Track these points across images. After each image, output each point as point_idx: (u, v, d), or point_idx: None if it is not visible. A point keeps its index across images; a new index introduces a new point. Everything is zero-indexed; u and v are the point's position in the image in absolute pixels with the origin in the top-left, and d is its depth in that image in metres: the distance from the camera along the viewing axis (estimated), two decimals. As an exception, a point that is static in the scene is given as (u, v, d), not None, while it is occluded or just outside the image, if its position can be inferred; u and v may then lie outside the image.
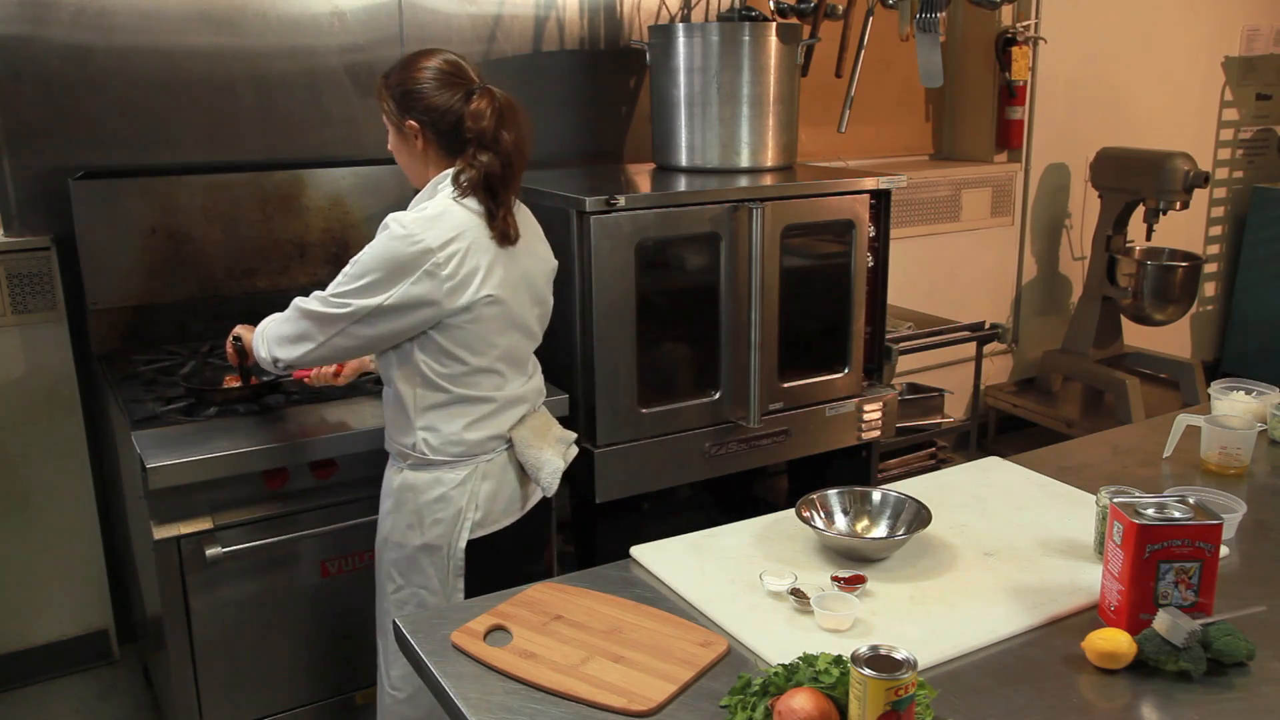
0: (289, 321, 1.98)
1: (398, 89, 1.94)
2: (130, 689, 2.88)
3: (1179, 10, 4.72)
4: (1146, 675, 1.39)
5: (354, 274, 1.88)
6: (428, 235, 1.85)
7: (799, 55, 3.02)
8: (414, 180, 2.02)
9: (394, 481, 2.02)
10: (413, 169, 2.00)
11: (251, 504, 2.16)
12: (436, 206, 1.90)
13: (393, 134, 1.99)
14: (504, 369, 2.00)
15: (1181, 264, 4.20)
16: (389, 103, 1.96)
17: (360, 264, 1.88)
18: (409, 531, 2.00)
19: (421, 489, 1.98)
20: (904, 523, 1.76)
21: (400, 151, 2.00)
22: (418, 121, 1.93)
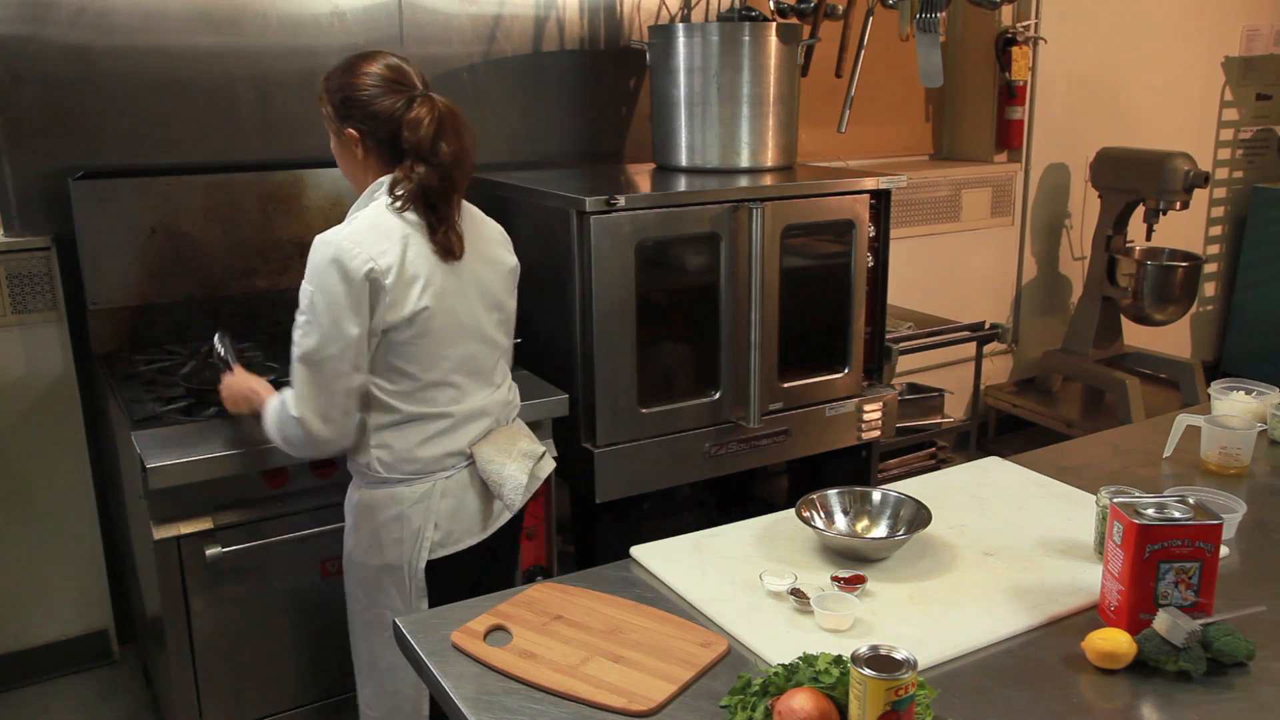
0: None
1: (337, 94, 1.87)
2: (130, 689, 2.88)
3: (1179, 10, 4.72)
4: (1146, 675, 1.39)
5: (311, 314, 1.80)
6: (362, 248, 1.78)
7: (799, 55, 3.02)
8: (355, 187, 1.96)
9: (353, 499, 1.98)
10: (353, 176, 1.95)
11: (251, 504, 2.16)
12: (368, 217, 1.83)
13: (333, 139, 1.93)
14: (461, 381, 1.93)
15: (1181, 264, 4.20)
16: (328, 107, 1.90)
17: (306, 300, 1.80)
18: (369, 551, 1.95)
19: (378, 507, 1.93)
20: (904, 523, 1.76)
21: (340, 158, 1.95)
22: (356, 130, 1.86)
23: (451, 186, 1.87)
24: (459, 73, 3.12)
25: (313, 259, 1.80)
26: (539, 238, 2.72)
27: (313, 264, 1.80)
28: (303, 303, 1.81)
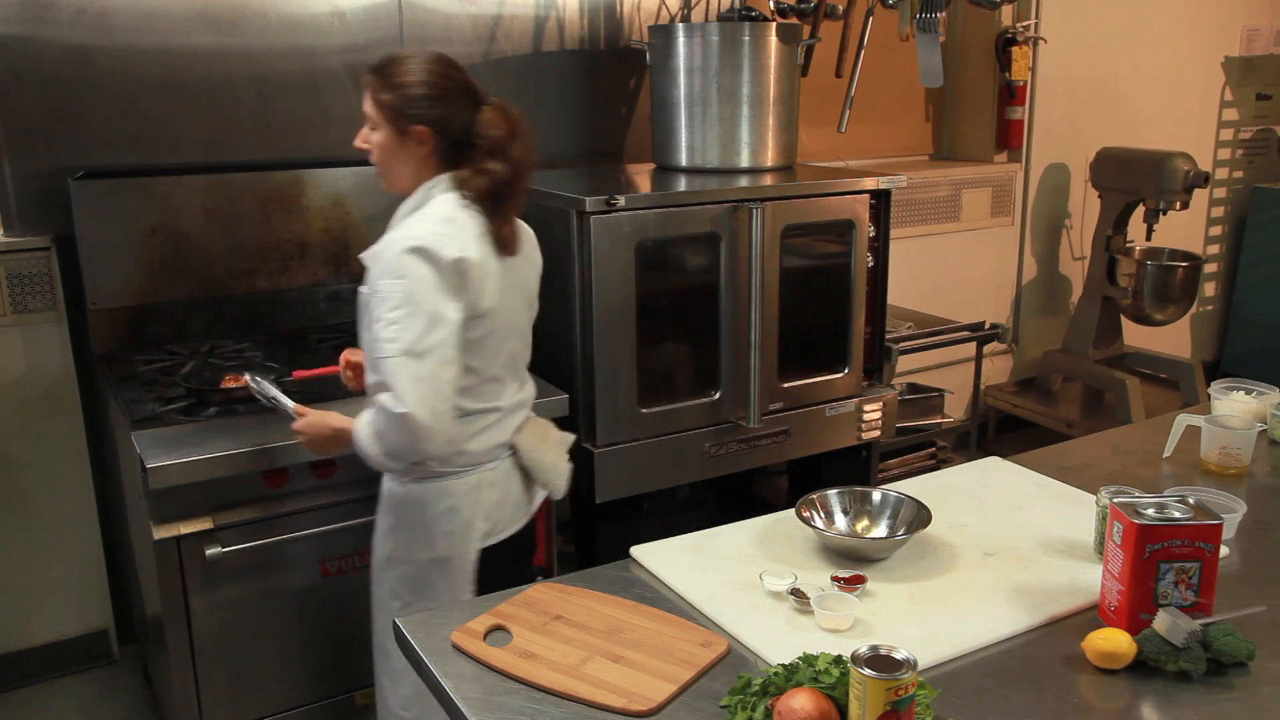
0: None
1: (407, 90, 1.87)
2: (130, 689, 2.88)
3: (1179, 10, 4.72)
4: (1146, 675, 1.39)
5: (404, 310, 1.77)
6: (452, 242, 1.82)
7: (799, 55, 3.02)
8: (394, 183, 1.95)
9: (396, 495, 1.98)
10: (400, 172, 1.93)
11: (251, 504, 2.16)
12: (441, 212, 1.85)
13: (385, 134, 1.90)
14: (506, 376, 1.99)
15: (1181, 264, 4.20)
16: (392, 100, 1.87)
17: (395, 299, 1.78)
18: (418, 546, 1.97)
19: (429, 501, 1.95)
20: (904, 523, 1.76)
21: (391, 154, 1.91)
22: (428, 126, 1.87)
23: (521, 185, 1.93)
24: (459, 73, 3.12)
25: (388, 256, 1.80)
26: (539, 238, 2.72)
27: (390, 260, 1.79)
28: (390, 300, 1.78)
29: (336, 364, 2.49)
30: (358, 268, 2.96)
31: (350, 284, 3.00)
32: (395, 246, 1.80)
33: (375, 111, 1.90)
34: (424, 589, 1.98)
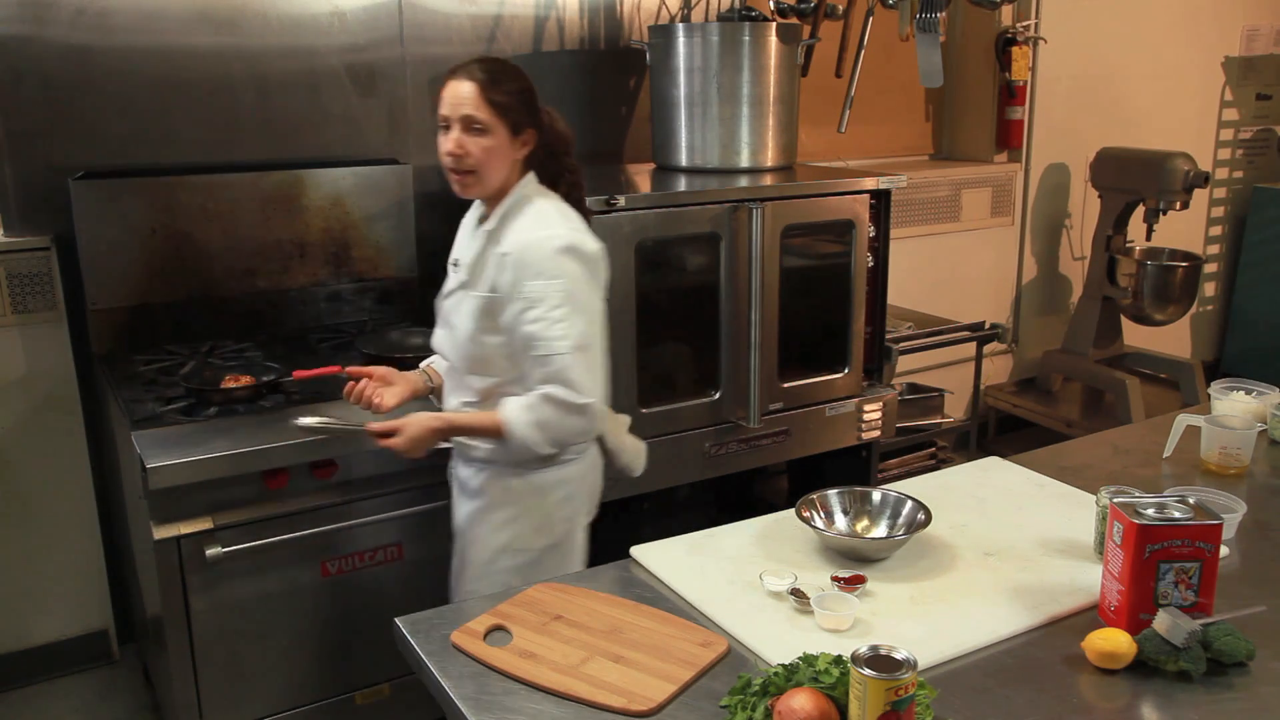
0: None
1: (525, 94, 1.92)
2: (130, 689, 2.88)
3: (1179, 10, 4.72)
4: (1146, 675, 1.39)
5: (567, 308, 1.86)
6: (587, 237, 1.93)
7: (799, 55, 3.02)
8: (486, 187, 1.94)
9: (515, 488, 2.00)
10: (497, 175, 1.93)
11: (251, 504, 2.16)
12: (559, 210, 1.95)
13: (498, 136, 1.89)
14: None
15: (1181, 264, 4.20)
16: (507, 102, 1.89)
17: (556, 296, 1.86)
18: (536, 535, 2.02)
19: (548, 489, 2.01)
20: (904, 523, 1.76)
21: (497, 154, 1.90)
22: (536, 131, 1.94)
23: (583, 179, 2.07)
24: (459, 73, 3.12)
25: (537, 258, 1.86)
26: (539, 238, 2.73)
27: (541, 261, 1.86)
28: (551, 299, 1.84)
29: (336, 364, 2.50)
30: (358, 268, 2.99)
31: (350, 284, 3.00)
32: (544, 247, 1.86)
33: (489, 113, 1.88)
34: (536, 575, 1.98)
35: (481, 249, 1.96)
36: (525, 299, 1.86)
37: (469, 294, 1.97)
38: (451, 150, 1.90)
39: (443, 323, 2.08)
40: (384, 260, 3.03)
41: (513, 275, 1.87)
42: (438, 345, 2.12)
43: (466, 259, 2.00)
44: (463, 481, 2.09)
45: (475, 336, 1.95)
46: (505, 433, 1.89)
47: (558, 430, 1.89)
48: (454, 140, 1.89)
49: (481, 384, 1.98)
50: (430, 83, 3.08)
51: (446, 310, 2.06)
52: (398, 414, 2.01)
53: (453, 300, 2.03)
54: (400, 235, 3.03)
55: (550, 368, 1.85)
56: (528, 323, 1.85)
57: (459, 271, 2.02)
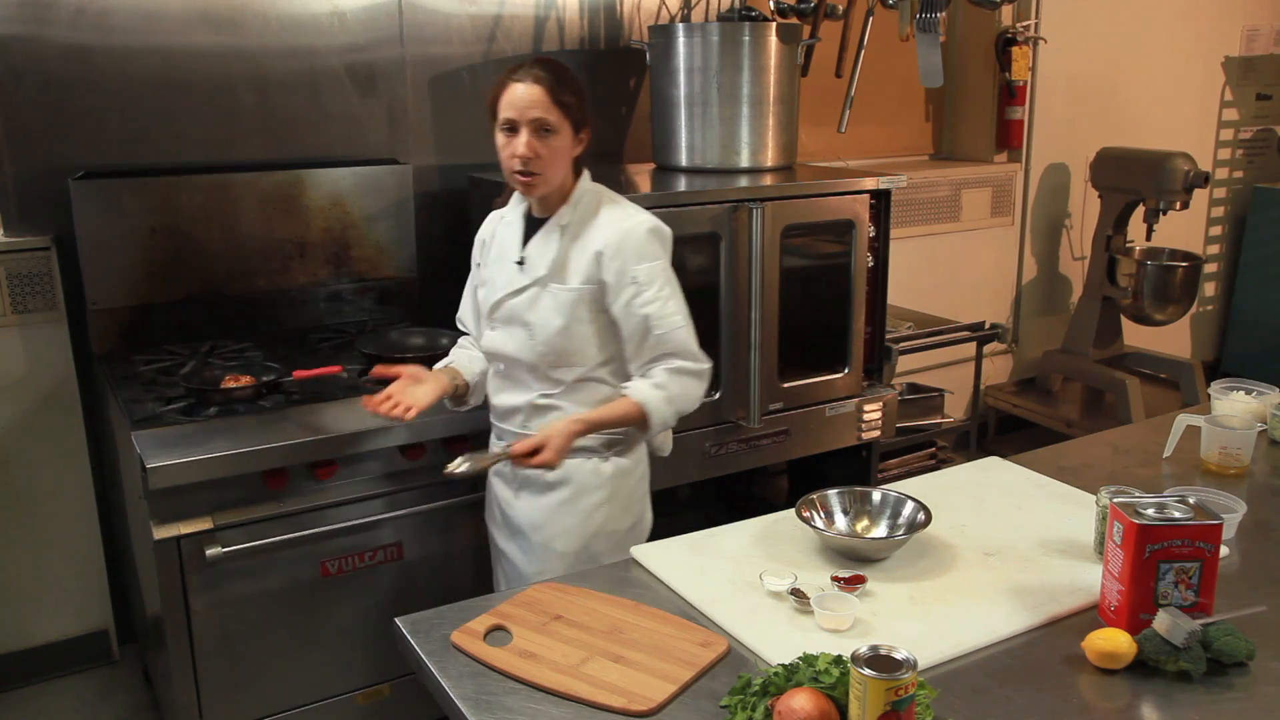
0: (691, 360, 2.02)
1: (581, 95, 1.95)
2: (130, 689, 2.88)
3: (1179, 10, 4.72)
4: (1146, 675, 1.39)
5: (670, 286, 1.99)
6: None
7: (799, 55, 3.02)
8: (549, 187, 1.97)
9: (603, 472, 2.07)
10: (560, 174, 1.97)
11: (251, 504, 2.16)
12: (622, 199, 2.04)
13: (566, 136, 1.94)
14: None
15: (1181, 264, 4.20)
16: (574, 102, 1.94)
17: (661, 276, 1.98)
18: (623, 515, 2.10)
19: (630, 472, 2.10)
20: (904, 523, 1.76)
21: (561, 155, 1.95)
22: (589, 128, 1.99)
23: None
24: (459, 73, 3.12)
25: (635, 242, 1.96)
26: (539, 238, 2.72)
27: (640, 245, 1.96)
28: (658, 279, 1.97)
29: (336, 364, 2.50)
30: (358, 268, 2.99)
31: (350, 284, 3.00)
32: (639, 233, 1.96)
33: (557, 115, 1.92)
34: (625, 557, 1.99)
35: (562, 245, 1.99)
36: (635, 284, 1.95)
37: (553, 289, 1.99)
38: (523, 153, 1.91)
39: (504, 323, 2.06)
40: (384, 260, 3.03)
41: (618, 265, 1.95)
42: (497, 346, 2.08)
43: (542, 257, 2.00)
44: (526, 479, 2.08)
45: (566, 329, 1.98)
46: (646, 416, 1.97)
47: (684, 400, 2.01)
48: (525, 144, 1.90)
49: (569, 375, 2.02)
50: (430, 82, 3.08)
51: (513, 309, 2.04)
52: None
53: (524, 299, 2.02)
54: (400, 235, 3.03)
55: (674, 342, 1.98)
56: (644, 305, 1.95)
57: (529, 270, 2.02)
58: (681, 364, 1.99)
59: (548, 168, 1.93)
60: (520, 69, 1.93)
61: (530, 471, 2.05)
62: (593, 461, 2.06)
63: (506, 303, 2.05)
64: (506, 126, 1.93)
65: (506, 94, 1.92)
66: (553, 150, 1.92)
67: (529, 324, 2.01)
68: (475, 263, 2.21)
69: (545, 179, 1.95)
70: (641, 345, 1.99)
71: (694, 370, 2.00)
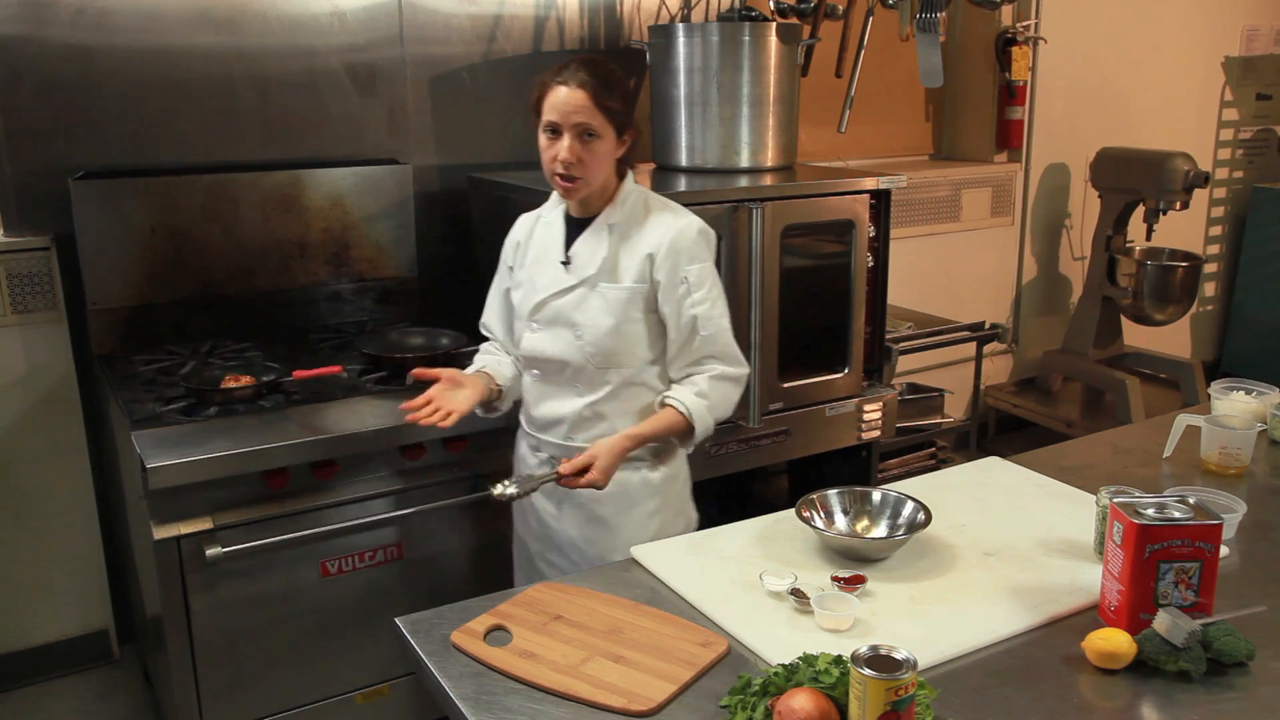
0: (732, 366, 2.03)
1: (626, 98, 1.94)
2: (130, 689, 2.88)
3: (1179, 10, 4.72)
4: (1146, 675, 1.39)
5: (717, 288, 2.00)
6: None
7: (799, 55, 3.02)
8: (590, 191, 1.96)
9: (655, 481, 2.06)
10: (602, 177, 1.95)
11: (251, 504, 2.16)
12: (663, 198, 2.04)
13: (610, 139, 1.92)
14: None
15: (1181, 264, 4.20)
16: (618, 106, 1.92)
17: (710, 277, 1.99)
18: (675, 519, 2.12)
19: (676, 475, 2.12)
20: (904, 523, 1.76)
21: (604, 159, 1.93)
22: (633, 130, 1.98)
23: None
24: (459, 73, 3.12)
25: (686, 243, 1.96)
26: (539, 238, 2.72)
27: (690, 246, 1.97)
28: (706, 281, 1.98)
29: (336, 364, 2.50)
30: (358, 268, 2.99)
31: (350, 284, 3.00)
32: (689, 234, 1.97)
33: (602, 119, 1.89)
34: None
35: (611, 245, 1.97)
36: (686, 284, 1.95)
37: (604, 288, 1.97)
38: (565, 158, 1.89)
39: (548, 324, 2.02)
40: (384, 260, 3.03)
41: (670, 264, 1.94)
42: (539, 349, 2.04)
43: (591, 257, 1.98)
44: (567, 491, 2.02)
45: (617, 329, 1.96)
46: (692, 426, 1.97)
47: (723, 408, 2.02)
48: (568, 148, 1.88)
49: (616, 377, 1.99)
50: (430, 82, 3.08)
51: (558, 310, 2.00)
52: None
53: (572, 299, 1.99)
54: (400, 235, 3.03)
55: (718, 344, 1.99)
56: (694, 305, 1.95)
57: (575, 270, 1.99)
58: (723, 369, 2.00)
59: (589, 172, 1.91)
60: (565, 70, 1.89)
61: (578, 491, 2.01)
62: (640, 472, 2.04)
63: (551, 303, 2.01)
64: (549, 129, 1.90)
65: (550, 96, 1.89)
66: (595, 155, 1.90)
67: (576, 324, 1.98)
68: (507, 265, 2.16)
69: (586, 183, 1.93)
70: (686, 346, 1.98)
71: (734, 376, 2.01)
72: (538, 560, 2.16)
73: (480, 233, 3.10)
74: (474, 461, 2.36)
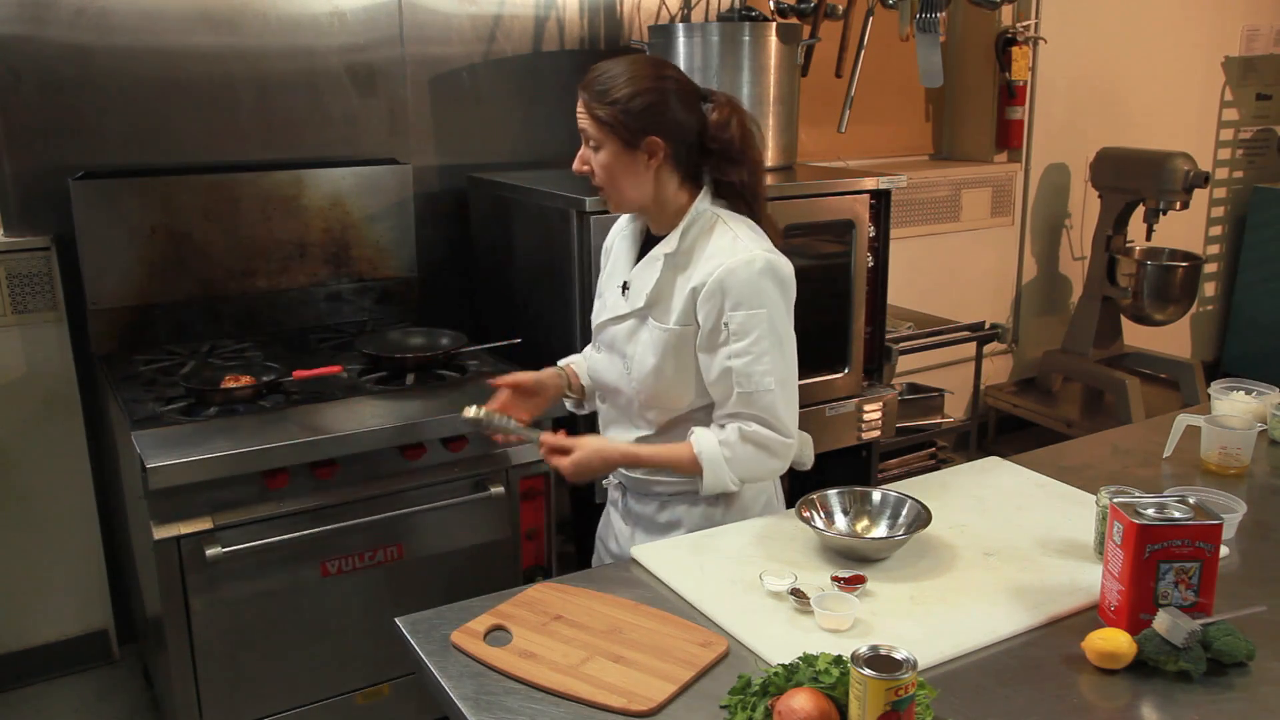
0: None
1: (631, 102, 1.73)
2: (130, 689, 2.88)
3: (1179, 10, 4.72)
4: (1146, 675, 1.39)
5: (769, 339, 1.76)
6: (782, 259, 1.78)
7: (799, 55, 3.02)
8: (624, 203, 1.83)
9: (716, 517, 1.90)
10: (630, 189, 1.79)
11: (251, 504, 2.16)
12: (741, 223, 1.79)
13: (611, 151, 1.76)
14: None
15: (1181, 264, 4.20)
16: (612, 115, 1.74)
17: (761, 326, 1.75)
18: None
19: (749, 506, 1.92)
20: (904, 523, 1.76)
21: (615, 171, 1.77)
22: (662, 138, 1.75)
23: (762, 185, 1.86)
24: (459, 73, 3.13)
25: (740, 282, 1.73)
26: (539, 238, 2.73)
27: (747, 287, 1.73)
28: (756, 329, 1.74)
29: (336, 364, 2.50)
30: (358, 268, 2.99)
31: (350, 284, 3.00)
32: (743, 273, 1.73)
33: (596, 129, 1.76)
34: None
35: (663, 276, 1.80)
36: (728, 330, 1.75)
37: (651, 326, 1.82)
38: (575, 166, 1.82)
39: (606, 348, 1.92)
40: (384, 260, 3.03)
41: (714, 304, 1.75)
42: (598, 371, 1.95)
43: (644, 286, 1.82)
44: (640, 515, 1.97)
45: (658, 370, 1.82)
46: (700, 469, 1.79)
47: (751, 470, 1.80)
48: (578, 156, 1.81)
49: (661, 418, 1.86)
50: (430, 82, 3.08)
51: (614, 336, 1.89)
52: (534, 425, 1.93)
53: (625, 328, 1.87)
54: (400, 235, 3.03)
55: (756, 406, 1.76)
56: (733, 356, 1.75)
57: (631, 298, 1.86)
58: (756, 431, 1.77)
59: (604, 183, 1.79)
60: (589, 72, 1.79)
61: (642, 511, 1.94)
62: (700, 506, 1.90)
63: (609, 328, 1.90)
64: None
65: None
66: (600, 165, 1.78)
67: (626, 356, 1.86)
68: (603, 269, 2.03)
69: (610, 194, 1.81)
70: (722, 399, 1.79)
71: (769, 444, 1.77)
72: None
73: (480, 233, 3.10)
74: (474, 461, 2.36)
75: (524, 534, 2.45)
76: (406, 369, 2.51)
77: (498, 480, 2.36)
